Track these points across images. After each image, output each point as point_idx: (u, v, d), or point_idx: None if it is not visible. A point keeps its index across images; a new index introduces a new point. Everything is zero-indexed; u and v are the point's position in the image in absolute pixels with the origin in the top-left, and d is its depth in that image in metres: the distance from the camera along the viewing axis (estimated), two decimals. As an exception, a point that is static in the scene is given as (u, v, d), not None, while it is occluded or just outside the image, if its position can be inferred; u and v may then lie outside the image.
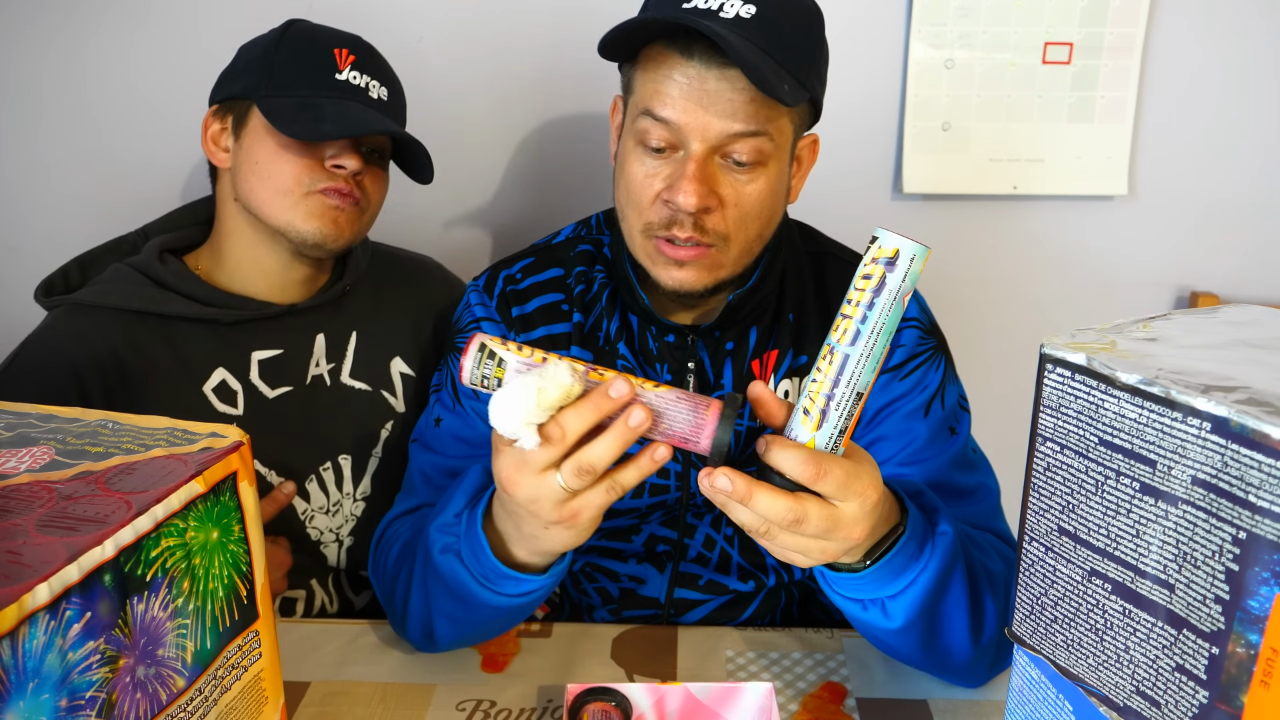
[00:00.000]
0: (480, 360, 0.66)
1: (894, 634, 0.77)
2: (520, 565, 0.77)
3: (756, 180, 0.86)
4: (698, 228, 0.85)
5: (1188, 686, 0.48)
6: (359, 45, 1.04)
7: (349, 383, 1.11)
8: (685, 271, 0.88)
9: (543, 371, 0.64)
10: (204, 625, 0.57)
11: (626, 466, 0.67)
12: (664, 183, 0.85)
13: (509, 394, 0.63)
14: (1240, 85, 1.42)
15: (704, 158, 0.83)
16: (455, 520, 0.83)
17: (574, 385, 0.64)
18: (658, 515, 0.99)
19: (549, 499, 0.66)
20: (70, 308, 1.02)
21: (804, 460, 0.62)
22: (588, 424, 0.64)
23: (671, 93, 0.82)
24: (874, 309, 0.62)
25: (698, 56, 0.81)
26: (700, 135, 0.83)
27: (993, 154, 1.43)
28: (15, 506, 0.51)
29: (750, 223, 0.88)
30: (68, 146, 1.40)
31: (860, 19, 1.38)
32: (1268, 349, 0.53)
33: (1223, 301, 1.48)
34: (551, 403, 0.63)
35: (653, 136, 0.84)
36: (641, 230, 0.88)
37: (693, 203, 0.83)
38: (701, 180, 0.83)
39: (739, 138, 0.83)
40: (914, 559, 0.73)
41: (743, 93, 0.82)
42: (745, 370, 0.96)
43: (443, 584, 0.81)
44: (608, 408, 0.64)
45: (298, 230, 1.01)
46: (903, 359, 0.96)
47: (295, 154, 0.99)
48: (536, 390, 0.63)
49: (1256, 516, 0.44)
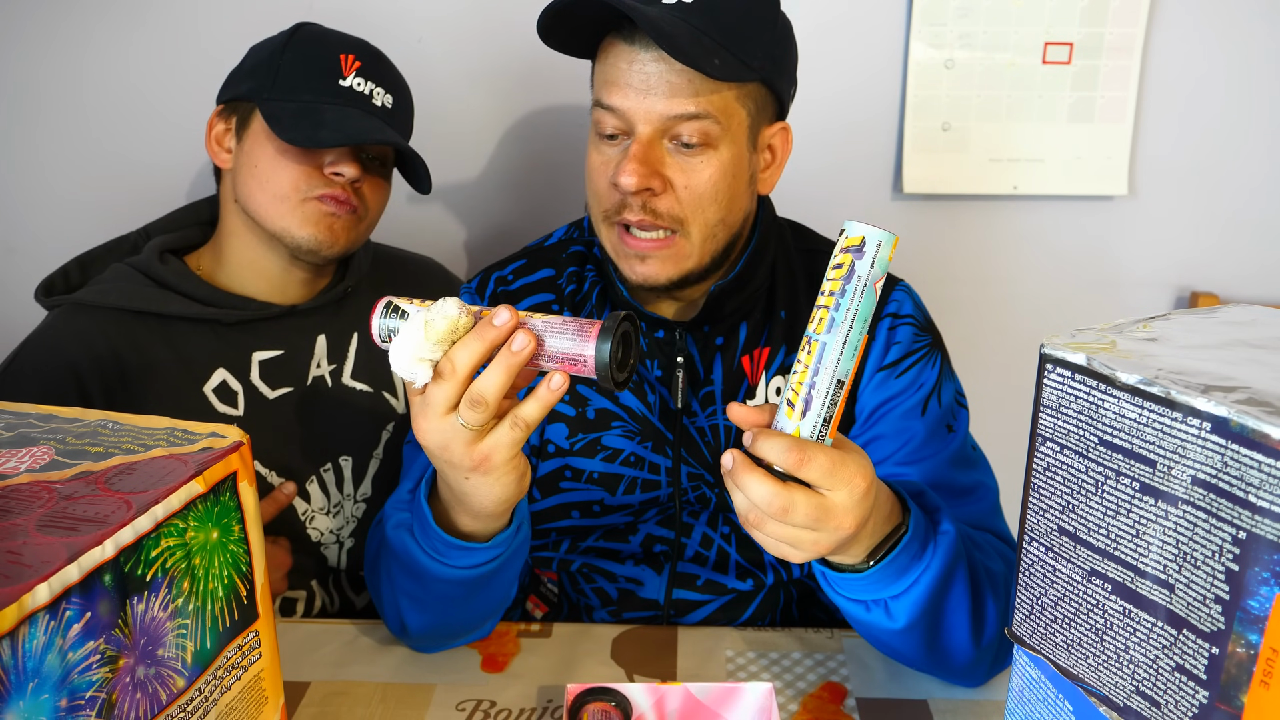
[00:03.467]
0: (385, 313, 0.68)
1: (897, 635, 0.77)
2: (465, 534, 0.78)
3: (709, 163, 0.87)
4: (648, 210, 0.86)
5: (1188, 686, 0.48)
6: (366, 51, 1.04)
7: (350, 384, 1.11)
8: (649, 265, 0.89)
9: (431, 306, 0.66)
10: (204, 625, 0.57)
11: (527, 400, 0.68)
12: (615, 169, 0.87)
13: (402, 333, 0.65)
14: (1240, 85, 1.42)
15: (648, 140, 0.85)
16: (408, 496, 0.84)
17: (461, 317, 0.65)
18: (653, 514, 0.99)
19: (457, 442, 0.67)
20: (70, 307, 1.02)
21: (787, 447, 0.62)
22: (476, 355, 0.65)
23: (618, 80, 0.85)
24: (846, 296, 0.62)
25: (638, 41, 0.84)
26: (644, 118, 0.85)
27: (993, 154, 1.43)
28: (15, 506, 0.51)
29: (706, 206, 0.88)
30: (68, 146, 1.40)
31: (860, 19, 1.38)
32: (1268, 349, 0.53)
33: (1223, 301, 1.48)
34: (439, 335, 0.65)
35: (606, 125, 0.87)
36: (602, 219, 0.90)
37: (631, 182, 0.84)
38: (642, 160, 0.85)
39: (681, 120, 0.85)
40: (916, 559, 0.73)
41: (681, 74, 0.83)
42: (735, 366, 0.96)
43: (398, 560, 0.83)
44: (492, 336, 0.65)
45: (293, 236, 1.01)
46: (898, 356, 0.96)
47: (294, 160, 0.99)
48: (424, 324, 0.64)
49: (1256, 516, 0.44)
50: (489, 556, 0.79)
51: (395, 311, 0.68)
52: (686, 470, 0.97)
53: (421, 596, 0.83)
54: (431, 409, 0.67)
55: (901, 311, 0.98)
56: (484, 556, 0.79)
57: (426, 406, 0.67)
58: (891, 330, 0.97)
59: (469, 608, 0.85)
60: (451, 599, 0.83)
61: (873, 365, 0.96)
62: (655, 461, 0.96)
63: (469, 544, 0.78)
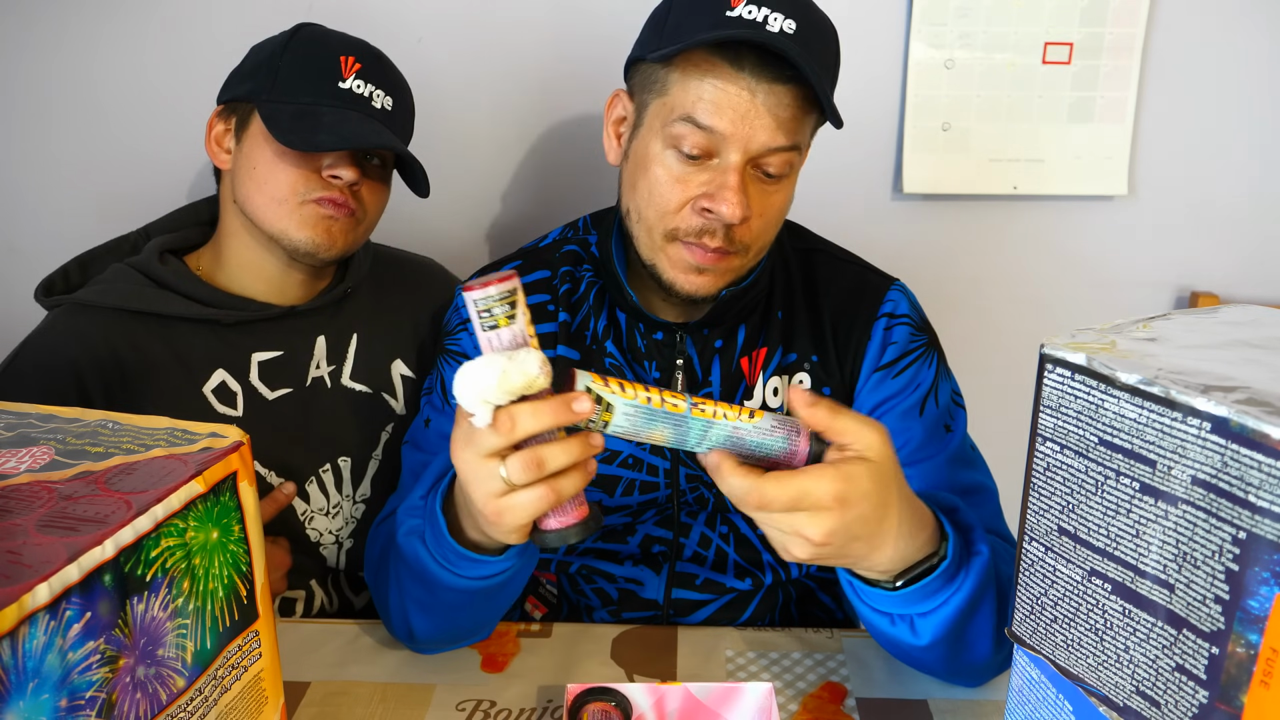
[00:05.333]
0: (502, 296, 0.64)
1: (920, 650, 0.77)
2: (475, 546, 0.77)
3: (781, 191, 0.88)
4: (727, 237, 0.86)
5: (1188, 686, 0.48)
6: (366, 53, 1.03)
7: (349, 385, 1.11)
8: (705, 277, 0.88)
9: (513, 355, 0.64)
10: (204, 625, 0.57)
11: (570, 473, 0.66)
12: (698, 189, 0.85)
13: (474, 367, 0.63)
14: (1240, 85, 1.42)
15: (741, 168, 0.84)
16: (421, 503, 0.83)
17: (539, 378, 0.64)
18: (651, 515, 0.99)
19: (484, 485, 0.66)
20: (70, 307, 1.02)
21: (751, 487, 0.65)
22: (540, 425, 0.63)
23: (719, 101, 0.82)
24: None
25: (748, 69, 0.81)
26: (743, 147, 0.83)
27: (993, 154, 1.43)
28: (15, 506, 0.51)
29: (769, 231, 0.90)
30: (68, 146, 1.40)
31: (860, 19, 1.38)
32: (1268, 349, 0.53)
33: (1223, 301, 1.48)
34: (513, 388, 0.63)
35: (688, 142, 0.84)
36: (664, 234, 0.88)
37: (738, 214, 0.83)
38: (743, 191, 0.84)
39: (776, 151, 0.84)
40: (949, 582, 0.73)
41: (788, 108, 0.83)
42: (734, 367, 0.96)
43: (408, 567, 0.82)
44: (564, 419, 0.64)
45: (290, 239, 1.00)
46: (895, 356, 0.96)
47: (292, 162, 0.99)
48: (501, 371, 0.63)
49: (1256, 516, 0.44)
50: (500, 569, 0.78)
51: (509, 304, 0.64)
52: (685, 472, 0.96)
53: (431, 604, 0.83)
54: (475, 446, 0.65)
55: (897, 311, 0.98)
56: (495, 569, 0.78)
57: (472, 442, 0.65)
58: (888, 330, 0.97)
59: (477, 614, 0.85)
60: (460, 607, 0.82)
61: (869, 365, 0.96)
62: (653, 463, 0.96)
63: (481, 556, 0.77)
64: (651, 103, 0.88)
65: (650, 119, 0.88)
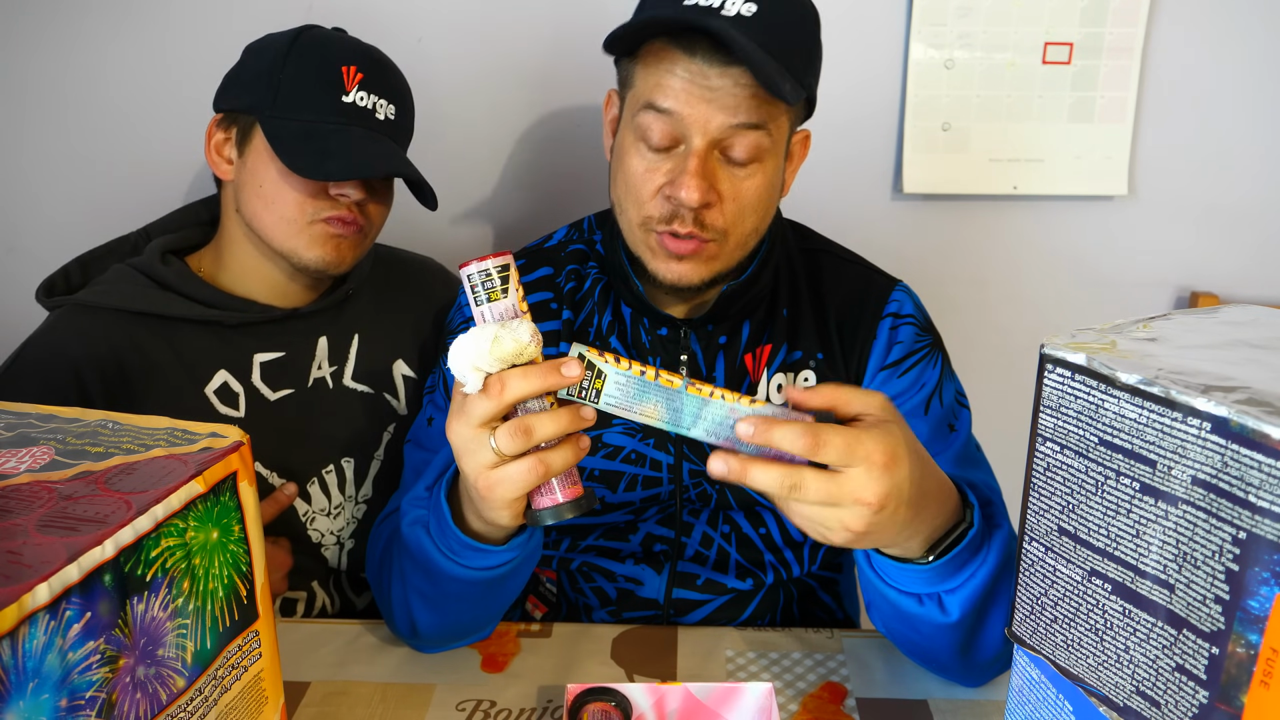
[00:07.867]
0: (497, 270, 0.65)
1: (945, 629, 0.77)
2: (479, 536, 0.77)
3: (754, 176, 0.87)
4: (697, 222, 0.86)
5: (1188, 686, 0.48)
6: (368, 60, 1.02)
7: (351, 385, 1.11)
8: (684, 265, 0.89)
9: (506, 323, 0.65)
10: (204, 625, 0.57)
11: (559, 448, 0.67)
12: (665, 177, 0.86)
13: (468, 336, 0.64)
14: (1240, 85, 1.42)
15: (705, 153, 0.84)
16: (425, 494, 0.84)
17: (530, 345, 0.65)
18: (653, 512, 0.99)
19: (476, 457, 0.67)
20: (71, 308, 1.02)
21: (800, 433, 0.63)
22: (530, 390, 0.64)
23: (674, 85, 0.83)
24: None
25: (700, 54, 0.82)
26: (702, 129, 0.84)
27: (993, 154, 1.43)
28: (15, 506, 0.51)
29: (747, 217, 0.89)
30: (68, 146, 1.40)
31: (860, 19, 1.38)
32: (1268, 349, 0.53)
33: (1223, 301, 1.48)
34: (504, 355, 0.64)
35: (654, 130, 0.85)
36: (640, 224, 0.89)
37: (695, 198, 0.84)
38: (703, 175, 0.84)
39: (739, 130, 0.84)
40: (976, 553, 0.74)
41: (745, 89, 0.83)
42: (738, 364, 0.96)
43: (412, 558, 0.82)
44: (553, 382, 0.65)
45: (300, 258, 1.01)
46: (900, 355, 0.96)
47: (299, 183, 0.98)
48: (493, 338, 0.64)
49: (1256, 516, 0.44)
50: (503, 560, 0.79)
51: (504, 278, 0.65)
52: (688, 467, 0.97)
53: (434, 595, 0.83)
54: (467, 415, 0.66)
55: (903, 311, 0.98)
56: (498, 559, 0.78)
57: (463, 412, 0.67)
58: (893, 330, 0.97)
59: (480, 607, 0.86)
60: (464, 598, 0.83)
61: (875, 365, 0.97)
62: (657, 458, 0.96)
63: (484, 546, 0.77)
64: (626, 97, 0.90)
65: (626, 113, 0.90)
